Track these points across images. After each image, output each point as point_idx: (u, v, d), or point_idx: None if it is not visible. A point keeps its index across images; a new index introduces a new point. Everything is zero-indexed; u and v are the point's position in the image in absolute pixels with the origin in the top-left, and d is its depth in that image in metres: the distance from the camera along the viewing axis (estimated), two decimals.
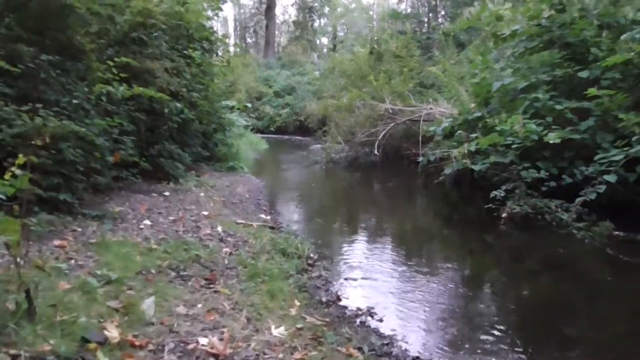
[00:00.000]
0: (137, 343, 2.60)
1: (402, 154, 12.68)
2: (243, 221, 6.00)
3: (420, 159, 10.51)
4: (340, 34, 39.68)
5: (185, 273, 3.81)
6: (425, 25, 26.12)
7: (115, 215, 5.14)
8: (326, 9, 39.85)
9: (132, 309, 2.98)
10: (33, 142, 4.55)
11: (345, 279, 4.50)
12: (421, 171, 10.38)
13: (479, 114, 8.86)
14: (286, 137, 23.27)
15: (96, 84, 5.63)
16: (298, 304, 3.58)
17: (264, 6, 36.89)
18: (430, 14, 24.76)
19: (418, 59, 17.27)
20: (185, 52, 8.05)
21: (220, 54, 11.51)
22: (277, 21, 40.02)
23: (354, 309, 3.75)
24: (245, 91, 23.41)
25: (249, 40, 46.93)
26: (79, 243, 4.07)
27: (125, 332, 2.69)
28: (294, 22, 40.41)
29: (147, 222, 5.16)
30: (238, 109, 14.82)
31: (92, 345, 2.47)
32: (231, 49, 41.32)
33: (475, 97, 9.67)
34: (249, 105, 17.82)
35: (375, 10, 38.60)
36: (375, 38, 18.78)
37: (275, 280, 3.96)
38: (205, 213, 5.97)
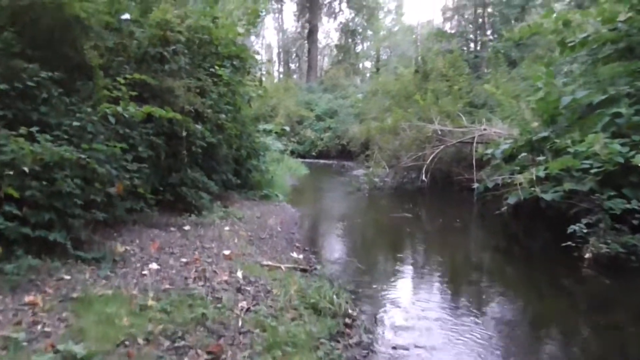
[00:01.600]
0: None
1: (453, 180, 11.52)
2: (270, 262, 5.08)
3: (475, 185, 9.39)
4: (383, 57, 38.88)
5: (182, 343, 2.91)
6: (472, 44, 25.12)
7: (117, 257, 4.35)
8: (369, 32, 39.27)
9: None
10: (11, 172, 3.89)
11: (394, 347, 3.42)
12: (477, 199, 9.22)
13: (545, 134, 7.69)
14: (328, 161, 22.41)
15: (102, 103, 4.92)
16: None
17: (306, 31, 36.73)
18: (478, 32, 23.65)
19: (467, 78, 16.18)
20: (212, 69, 7.29)
21: (261, 72, 10.76)
22: (320, 45, 39.77)
23: None
24: (286, 115, 22.83)
25: (292, 65, 46.95)
26: (56, 298, 3.26)
27: None
28: (336, 46, 40.02)
29: (154, 265, 4.33)
30: (275, 132, 14.06)
31: None
32: (275, 73, 41.54)
33: (539, 115, 8.50)
34: (287, 128, 17.03)
35: (420, 32, 37.70)
36: (421, 57, 17.79)
37: (301, 351, 3.00)
38: (227, 252, 5.09)
